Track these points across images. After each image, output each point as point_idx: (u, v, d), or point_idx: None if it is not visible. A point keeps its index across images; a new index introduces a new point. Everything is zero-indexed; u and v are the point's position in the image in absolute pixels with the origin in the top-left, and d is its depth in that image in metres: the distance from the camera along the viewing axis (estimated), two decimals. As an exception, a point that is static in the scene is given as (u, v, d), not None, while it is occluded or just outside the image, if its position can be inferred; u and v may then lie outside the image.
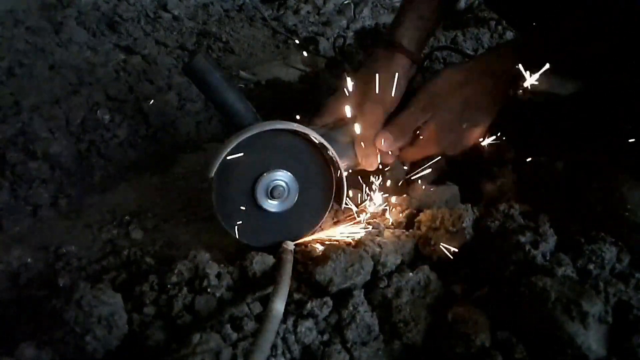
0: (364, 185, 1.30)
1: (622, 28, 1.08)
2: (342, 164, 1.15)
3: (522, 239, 1.00)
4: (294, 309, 0.95)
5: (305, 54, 2.38)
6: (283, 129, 1.10)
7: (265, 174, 1.11)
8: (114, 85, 1.73)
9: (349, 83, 1.29)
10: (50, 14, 2.20)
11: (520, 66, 1.17)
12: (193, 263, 1.04)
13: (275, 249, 1.12)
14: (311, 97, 1.37)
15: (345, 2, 2.79)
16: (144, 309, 0.97)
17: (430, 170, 1.32)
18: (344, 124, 1.27)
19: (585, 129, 1.20)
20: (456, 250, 1.08)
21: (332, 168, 1.16)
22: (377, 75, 1.26)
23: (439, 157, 1.37)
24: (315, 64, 2.28)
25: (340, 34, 2.45)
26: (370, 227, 1.19)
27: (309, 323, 0.92)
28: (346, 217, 1.25)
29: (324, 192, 1.18)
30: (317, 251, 1.11)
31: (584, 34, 1.13)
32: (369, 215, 1.24)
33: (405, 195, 1.29)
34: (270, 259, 1.08)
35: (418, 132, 1.25)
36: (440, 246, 1.09)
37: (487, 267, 1.03)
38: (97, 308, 0.92)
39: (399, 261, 1.07)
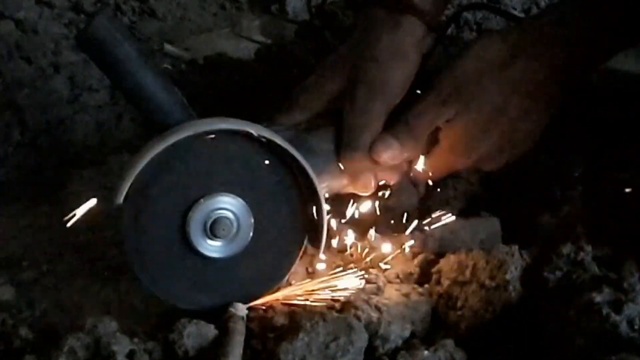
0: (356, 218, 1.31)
1: None
2: (322, 185, 1.16)
3: (598, 297, 1.01)
4: (248, 407, 0.95)
5: (265, 17, 2.40)
6: (230, 129, 1.10)
7: (202, 201, 1.12)
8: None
9: (333, 60, 1.30)
10: None
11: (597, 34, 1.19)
12: (92, 336, 1.03)
13: (219, 315, 1.12)
14: (275, 82, 1.36)
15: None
16: (15, 408, 0.97)
17: (455, 193, 1.33)
18: (324, 123, 1.28)
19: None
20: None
21: (305, 191, 1.17)
22: (375, 48, 1.27)
23: (470, 174, 1.38)
24: (281, 33, 2.30)
25: (319, -14, 2.48)
26: (364, 280, 1.20)
27: None
28: (327, 267, 1.25)
29: (292, 228, 1.19)
30: (283, 318, 1.11)
31: None
32: (362, 262, 1.25)
33: (418, 232, 1.30)
34: (210, 330, 1.08)
35: (438, 135, 1.26)
36: (472, 308, 1.10)
37: (542, 341, 1.04)
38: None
39: (408, 333, 1.08)
